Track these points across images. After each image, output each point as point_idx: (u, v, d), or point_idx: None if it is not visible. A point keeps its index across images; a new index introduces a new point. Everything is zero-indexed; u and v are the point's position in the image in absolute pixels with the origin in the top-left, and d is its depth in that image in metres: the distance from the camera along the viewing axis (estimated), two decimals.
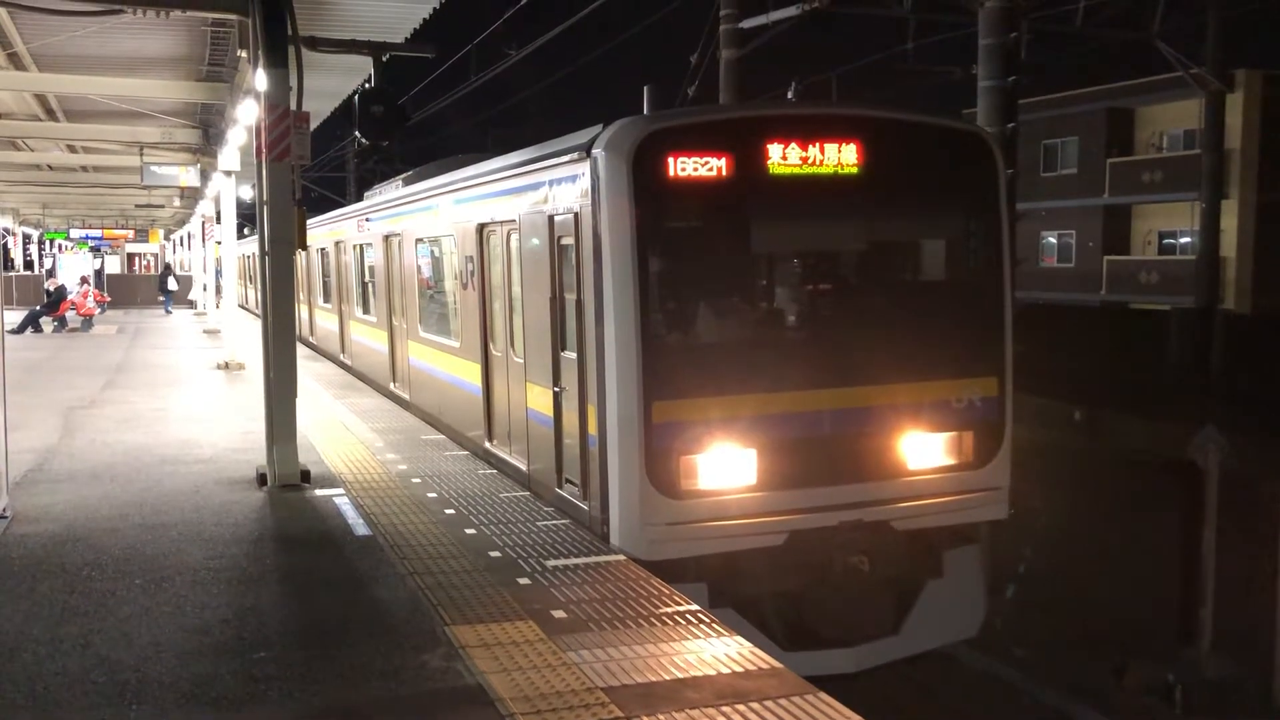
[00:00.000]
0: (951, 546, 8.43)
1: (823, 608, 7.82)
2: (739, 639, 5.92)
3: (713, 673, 5.46)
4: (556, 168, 8.37)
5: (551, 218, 8.41)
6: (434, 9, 12.63)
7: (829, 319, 8.37)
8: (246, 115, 14.45)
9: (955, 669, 10.98)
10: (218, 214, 23.94)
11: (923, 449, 8.14)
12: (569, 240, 8.15)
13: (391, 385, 15.04)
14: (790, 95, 9.24)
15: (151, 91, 17.66)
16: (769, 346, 8.05)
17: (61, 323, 29.86)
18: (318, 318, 22.68)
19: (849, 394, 7.93)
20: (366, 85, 12.70)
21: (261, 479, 9.79)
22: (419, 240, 13.23)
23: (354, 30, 12.72)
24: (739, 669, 5.51)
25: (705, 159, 7.47)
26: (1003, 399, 8.42)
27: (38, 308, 30.34)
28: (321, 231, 20.91)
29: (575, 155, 7.95)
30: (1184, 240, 35.26)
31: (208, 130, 21.24)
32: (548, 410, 8.67)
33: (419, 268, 13.40)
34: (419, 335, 13.27)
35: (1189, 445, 12.25)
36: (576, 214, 7.93)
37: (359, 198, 28.63)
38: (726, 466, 7.62)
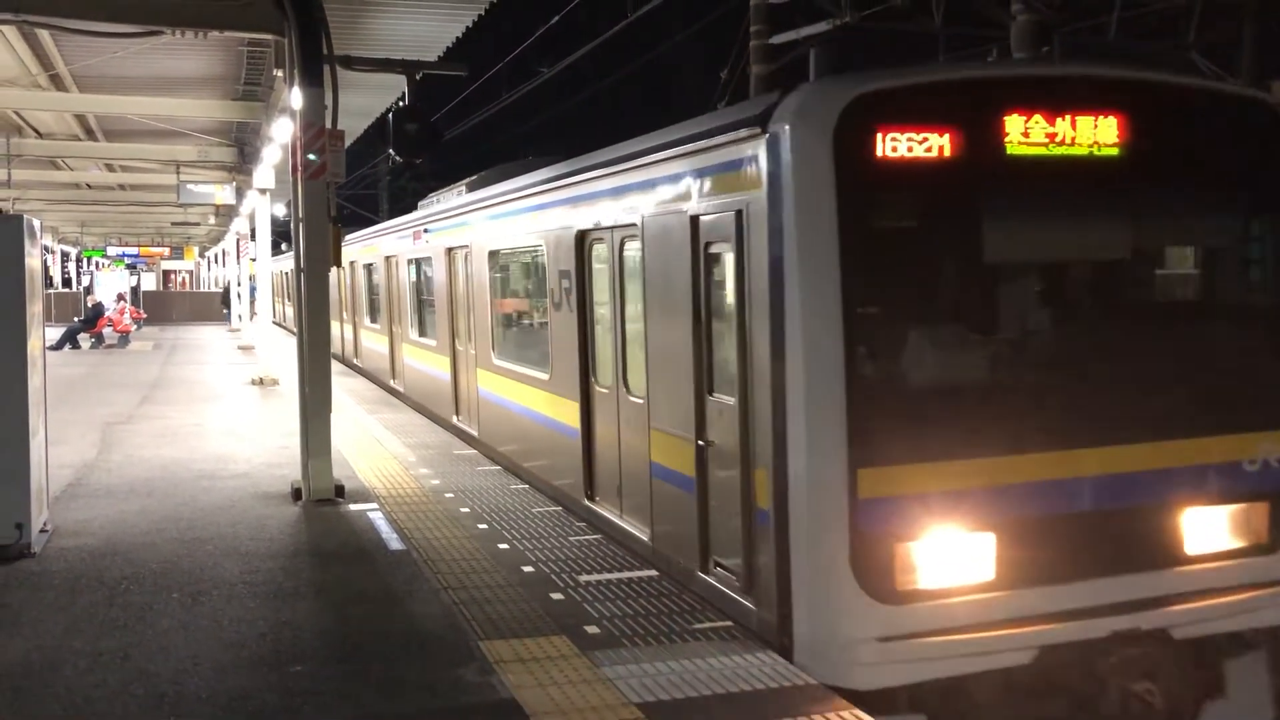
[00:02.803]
0: (1233, 654, 6.29)
1: None
2: (775, 655, 5.87)
3: (749, 689, 5.43)
4: (706, 152, 6.53)
5: (696, 219, 6.65)
6: (466, 28, 12.74)
7: (1089, 354, 6.21)
8: (282, 133, 14.64)
9: None
10: (252, 231, 24.23)
11: (1208, 527, 6.23)
12: (724, 248, 6.36)
13: (455, 418, 13.56)
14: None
15: (188, 111, 17.95)
16: (1012, 392, 6.09)
17: (99, 339, 30.25)
18: (364, 339, 21.23)
19: (1119, 454, 6.00)
20: (400, 103, 12.82)
21: (296, 494, 9.86)
22: (492, 253, 11.64)
23: (388, 49, 12.86)
24: (775, 685, 5.48)
25: (931, 134, 5.65)
26: None
27: (76, 324, 30.76)
28: (369, 245, 19.79)
29: (741, 133, 6.10)
30: None
31: (243, 149, 21.55)
32: (685, 468, 6.94)
33: (492, 285, 11.79)
34: (492, 363, 11.62)
35: None
36: (740, 212, 6.11)
37: (391, 214, 28.70)
38: (956, 557, 5.73)
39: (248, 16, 10.43)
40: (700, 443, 6.75)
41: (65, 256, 56.62)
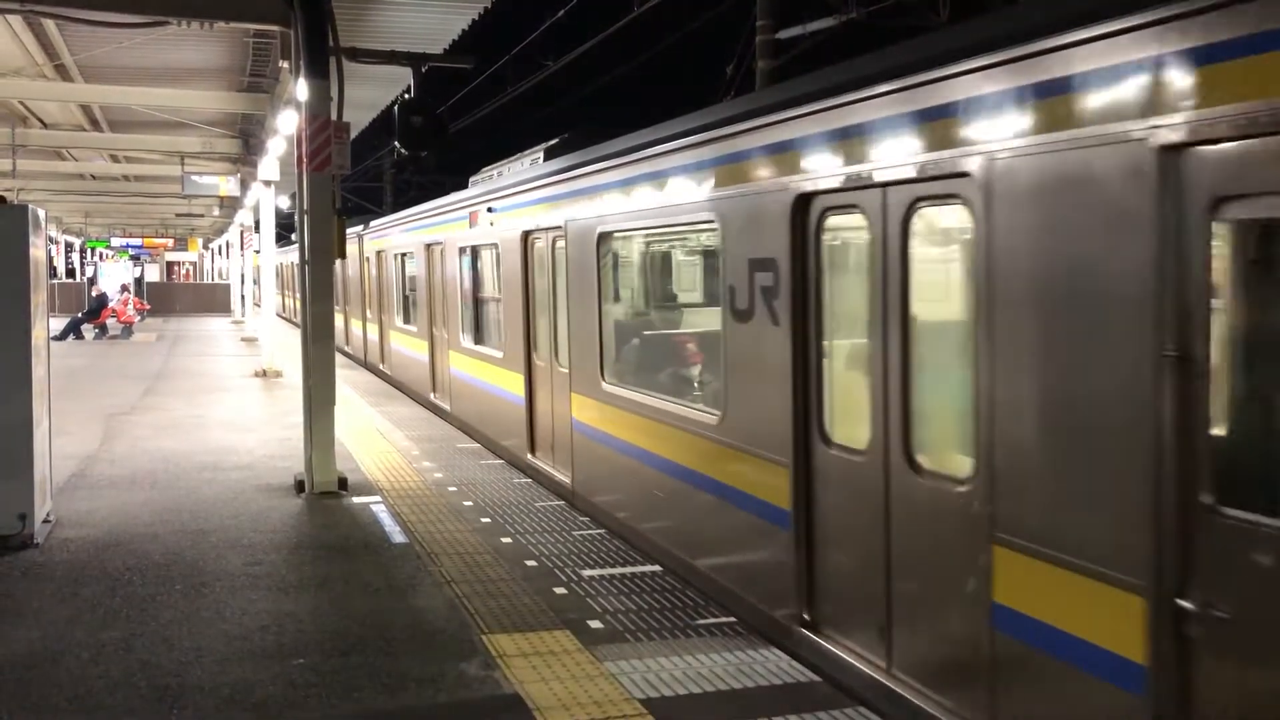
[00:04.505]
0: None
1: None
2: (778, 651, 5.87)
3: (752, 685, 5.42)
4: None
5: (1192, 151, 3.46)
6: (473, 20, 12.71)
7: None
8: (287, 125, 14.61)
9: None
10: (256, 223, 24.22)
11: None
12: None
13: (531, 455, 10.71)
14: None
15: (193, 102, 17.93)
16: None
17: (102, 330, 30.27)
18: (396, 343, 18.36)
19: None
20: (406, 96, 12.80)
21: (299, 486, 9.86)
22: (615, 236, 8.66)
23: (394, 41, 12.83)
24: (778, 681, 5.47)
25: None
26: None
27: (79, 315, 30.79)
28: (404, 232, 16.98)
29: None
30: None
31: (248, 140, 21.53)
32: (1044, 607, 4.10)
33: (602, 280, 8.73)
34: (600, 389, 8.68)
35: None
36: None
37: (396, 208, 28.11)
38: None
39: (253, 8, 10.41)
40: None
41: (69, 247, 56.65)
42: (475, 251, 12.85)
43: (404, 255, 17.13)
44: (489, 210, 11.58)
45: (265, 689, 5.38)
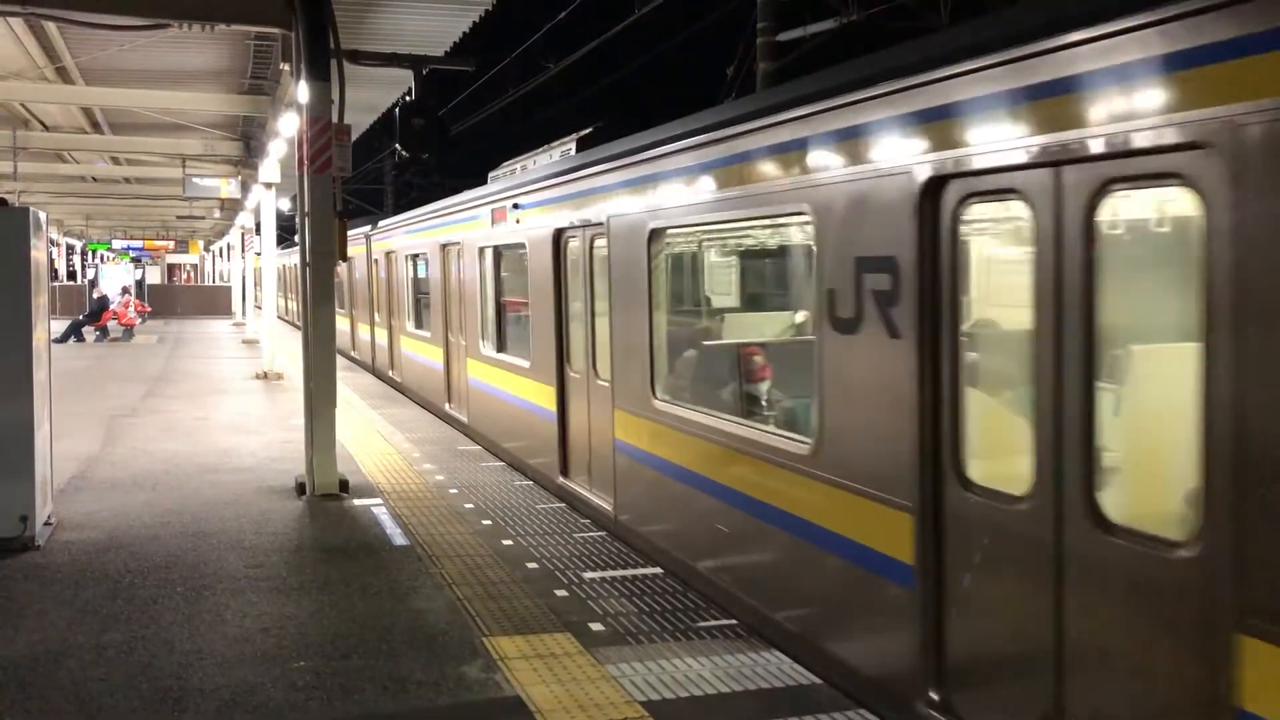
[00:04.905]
0: None
1: None
2: (780, 654, 5.86)
3: (754, 687, 5.41)
4: None
5: None
6: (474, 22, 12.71)
7: None
8: (288, 127, 14.62)
9: None
10: (257, 225, 24.22)
11: None
12: None
13: (564, 478, 9.57)
14: None
15: (194, 104, 17.94)
16: None
17: (103, 332, 30.29)
18: (406, 348, 17.45)
19: None
20: (407, 98, 12.79)
21: (300, 488, 9.85)
22: (670, 233, 7.55)
23: (395, 44, 12.84)
24: (780, 684, 5.46)
25: None
26: None
27: (80, 317, 30.80)
28: (418, 231, 15.90)
29: None
30: None
31: (249, 142, 21.55)
32: None
33: (653, 284, 7.60)
34: (653, 408, 7.54)
35: None
36: None
37: (398, 209, 27.77)
38: None
39: (255, 10, 10.41)
40: None
41: (70, 250, 56.70)
42: (498, 252, 11.77)
43: (416, 256, 16.19)
44: (514, 207, 10.57)
45: (266, 691, 5.38)
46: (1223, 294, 3.37)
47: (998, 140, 4.24)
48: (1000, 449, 4.57)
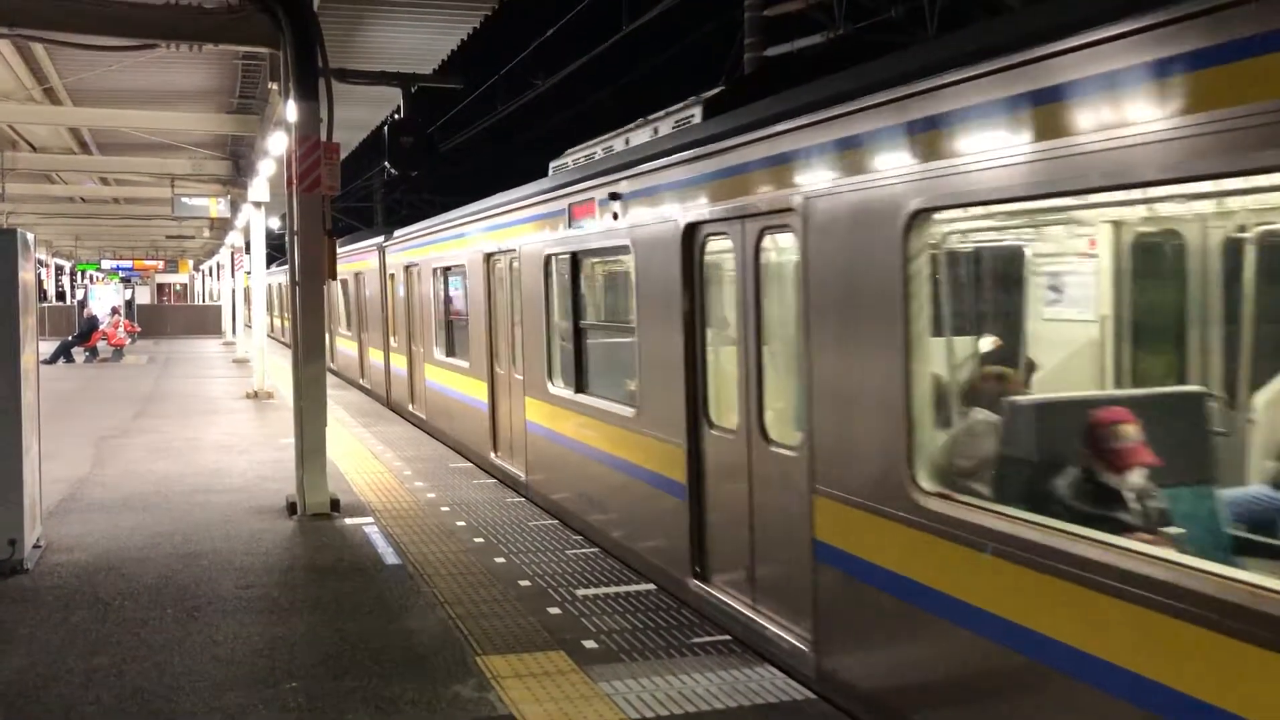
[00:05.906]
0: None
1: None
2: (773, 669, 5.85)
3: (748, 703, 5.40)
4: None
5: None
6: (462, 40, 12.75)
7: None
8: (277, 147, 14.62)
9: None
10: (247, 244, 24.20)
11: None
12: None
13: (697, 581, 6.91)
14: None
15: (183, 124, 17.96)
16: None
17: (93, 353, 30.20)
18: (432, 379, 14.80)
19: None
20: (395, 116, 12.81)
21: (291, 508, 9.82)
22: (941, 220, 4.81)
23: (383, 62, 12.87)
24: (774, 699, 5.45)
25: None
26: None
27: (69, 338, 30.72)
28: (449, 240, 13.58)
29: None
30: None
31: (238, 162, 21.55)
32: None
33: (918, 304, 4.77)
34: (918, 505, 4.65)
35: None
36: None
37: (387, 225, 26.86)
38: None
39: (243, 30, 10.42)
40: None
41: (59, 270, 56.56)
42: (576, 260, 9.19)
43: (448, 270, 13.78)
44: (612, 198, 8.11)
45: (258, 713, 5.34)
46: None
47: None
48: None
